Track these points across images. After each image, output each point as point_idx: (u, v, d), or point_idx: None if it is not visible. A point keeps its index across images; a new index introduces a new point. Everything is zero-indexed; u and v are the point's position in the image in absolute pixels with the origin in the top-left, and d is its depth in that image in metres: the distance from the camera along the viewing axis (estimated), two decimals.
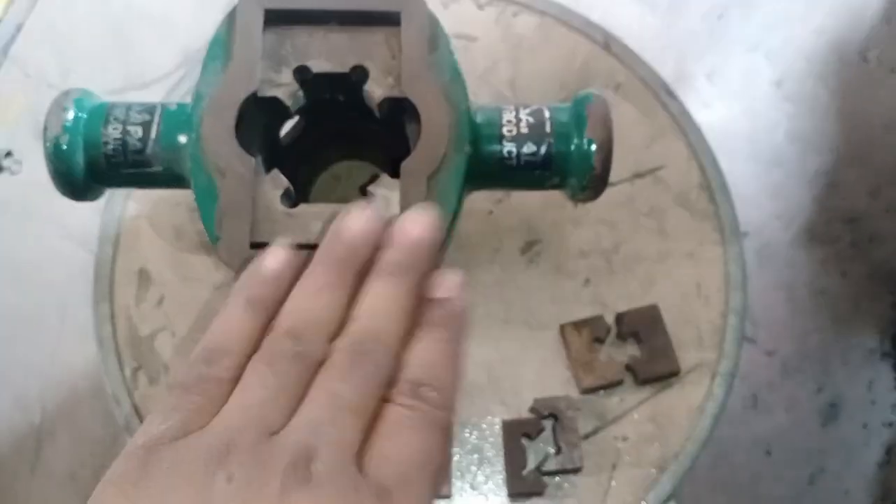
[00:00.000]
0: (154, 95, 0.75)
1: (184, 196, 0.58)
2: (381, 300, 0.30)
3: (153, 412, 0.28)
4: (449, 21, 0.42)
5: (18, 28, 1.12)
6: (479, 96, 0.59)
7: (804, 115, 1.14)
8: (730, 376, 0.56)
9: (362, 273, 0.31)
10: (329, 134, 0.53)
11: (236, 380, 0.28)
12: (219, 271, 0.58)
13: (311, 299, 0.30)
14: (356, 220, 0.31)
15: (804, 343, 1.04)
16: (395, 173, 0.39)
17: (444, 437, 0.28)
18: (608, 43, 0.64)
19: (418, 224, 0.31)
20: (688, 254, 0.59)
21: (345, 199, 0.57)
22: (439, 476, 0.28)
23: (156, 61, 1.07)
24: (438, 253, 0.33)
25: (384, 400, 0.28)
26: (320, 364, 0.28)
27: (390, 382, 0.28)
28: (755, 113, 1.07)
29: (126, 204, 0.59)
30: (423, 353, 0.29)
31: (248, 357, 0.29)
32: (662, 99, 0.62)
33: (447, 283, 0.31)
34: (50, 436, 0.94)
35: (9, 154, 1.03)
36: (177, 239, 0.59)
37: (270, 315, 0.30)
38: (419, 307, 0.31)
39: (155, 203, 0.59)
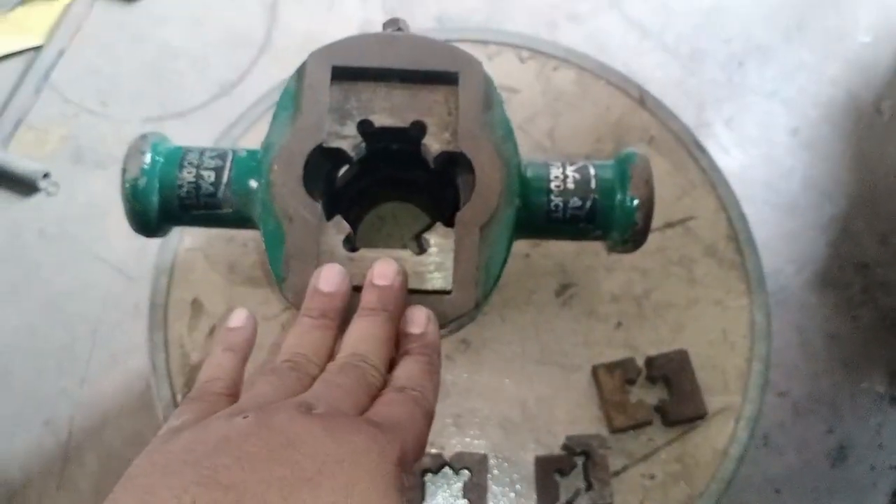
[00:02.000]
0: (190, 125, 0.77)
1: (237, 232, 0.61)
2: (362, 331, 0.36)
3: (168, 419, 0.32)
4: (493, 73, 0.44)
5: (60, 54, 1.16)
6: (519, 146, 0.62)
7: (819, 162, 1.16)
8: (753, 420, 0.58)
9: (344, 319, 0.37)
10: (380, 178, 0.56)
11: (233, 396, 0.34)
12: (269, 305, 0.60)
13: (301, 337, 0.36)
14: (328, 277, 0.37)
15: (815, 385, 1.06)
16: (444, 220, 0.41)
17: (427, 418, 0.33)
18: (643, 98, 0.67)
19: (386, 273, 0.38)
20: (715, 301, 0.61)
21: (391, 238, 0.60)
22: (421, 445, 0.32)
23: (192, 92, 1.10)
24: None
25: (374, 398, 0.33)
26: (314, 379, 0.33)
27: (379, 392, 0.33)
28: (772, 159, 1.09)
29: (182, 237, 0.61)
30: (406, 370, 0.35)
31: (236, 383, 0.35)
32: (693, 153, 0.65)
33: (418, 320, 0.37)
34: (77, 455, 0.95)
35: (46, 175, 1.05)
36: (230, 272, 0.61)
37: (243, 357, 0.37)
38: (400, 340, 0.37)
39: (209, 238, 0.61)
